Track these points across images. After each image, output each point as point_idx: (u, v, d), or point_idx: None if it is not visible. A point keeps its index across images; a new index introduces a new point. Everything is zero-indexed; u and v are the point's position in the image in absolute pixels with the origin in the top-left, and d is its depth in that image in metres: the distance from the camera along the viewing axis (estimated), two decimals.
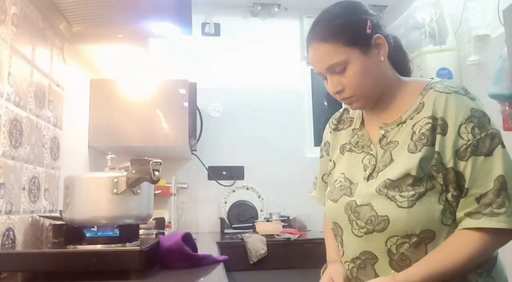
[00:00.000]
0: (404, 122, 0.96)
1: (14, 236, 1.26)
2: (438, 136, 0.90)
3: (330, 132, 1.16)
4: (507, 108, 1.88)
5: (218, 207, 2.84)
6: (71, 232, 1.18)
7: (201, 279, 1.12)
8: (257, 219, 2.75)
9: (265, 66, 3.09)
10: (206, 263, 1.27)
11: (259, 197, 2.86)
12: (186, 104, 2.25)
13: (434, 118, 0.91)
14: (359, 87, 0.96)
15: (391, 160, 0.94)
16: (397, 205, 0.89)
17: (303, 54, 3.14)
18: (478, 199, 0.86)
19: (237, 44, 3.09)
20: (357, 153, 1.03)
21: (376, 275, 0.93)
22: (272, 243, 2.30)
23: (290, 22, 3.17)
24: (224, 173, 2.92)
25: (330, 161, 1.12)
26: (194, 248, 1.30)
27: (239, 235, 2.37)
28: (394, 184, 0.90)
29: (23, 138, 1.33)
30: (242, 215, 2.76)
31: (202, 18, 3.06)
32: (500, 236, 0.86)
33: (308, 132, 3.09)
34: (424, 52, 2.44)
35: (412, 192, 0.88)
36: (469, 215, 0.87)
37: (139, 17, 1.54)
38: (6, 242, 1.22)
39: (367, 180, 0.96)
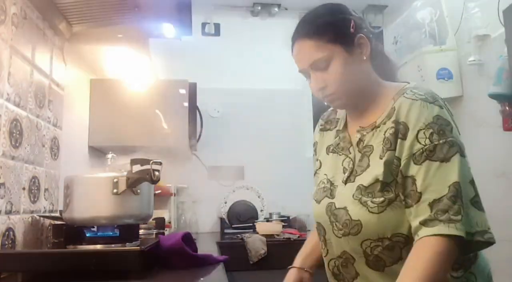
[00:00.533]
0: (378, 127, 0.96)
1: (14, 236, 1.26)
2: (399, 141, 0.90)
3: (318, 132, 1.18)
4: (507, 108, 1.88)
5: (218, 207, 2.84)
6: (71, 232, 1.18)
7: (201, 279, 1.12)
8: (257, 219, 2.75)
9: (265, 66, 3.09)
10: (207, 263, 1.27)
11: (259, 197, 2.86)
12: (186, 104, 2.25)
13: (397, 123, 0.91)
14: (341, 84, 0.97)
15: (368, 165, 0.95)
16: (368, 210, 0.90)
17: None
18: (431, 205, 0.84)
19: (237, 44, 3.09)
20: (339, 155, 1.04)
21: (357, 273, 0.96)
22: (272, 243, 2.30)
23: (290, 22, 3.15)
24: (224, 173, 2.92)
25: (317, 160, 1.13)
26: (194, 248, 1.29)
27: (239, 235, 2.37)
28: (367, 190, 0.92)
29: (23, 138, 1.33)
30: (242, 215, 2.76)
31: (202, 18, 3.06)
32: (457, 244, 0.82)
33: (308, 133, 3.09)
34: (424, 52, 2.44)
35: (382, 199, 0.89)
36: (424, 223, 0.83)
37: (139, 17, 1.54)
38: (6, 242, 1.22)
39: (345, 184, 0.98)
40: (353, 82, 0.98)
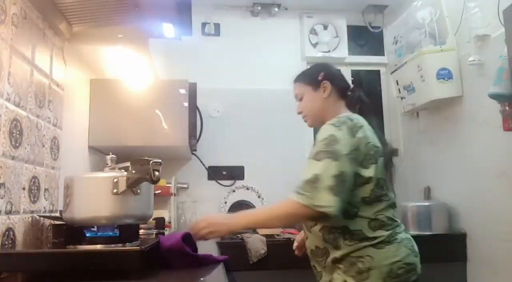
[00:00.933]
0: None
1: (14, 236, 1.26)
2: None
3: None
4: (507, 108, 1.88)
5: (218, 207, 2.84)
6: (71, 232, 1.17)
7: (201, 279, 1.12)
8: None
9: (265, 66, 3.09)
10: (207, 263, 1.27)
11: (259, 197, 2.87)
12: (186, 104, 2.25)
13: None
14: (308, 111, 1.53)
15: None
16: None
17: (303, 54, 3.15)
18: (300, 182, 1.27)
19: (237, 44, 3.09)
20: None
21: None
22: (272, 243, 2.30)
23: (290, 22, 3.17)
24: (224, 173, 2.92)
25: None
26: (194, 248, 1.29)
27: (239, 235, 2.37)
28: None
29: (23, 138, 1.33)
30: None
31: (202, 18, 3.07)
32: (302, 209, 1.23)
33: (308, 133, 3.09)
34: (424, 52, 2.44)
35: None
36: (294, 191, 1.27)
37: (139, 17, 1.54)
38: (6, 242, 1.22)
39: None
40: (316, 110, 1.52)
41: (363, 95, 1.51)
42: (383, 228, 1.33)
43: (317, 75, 1.51)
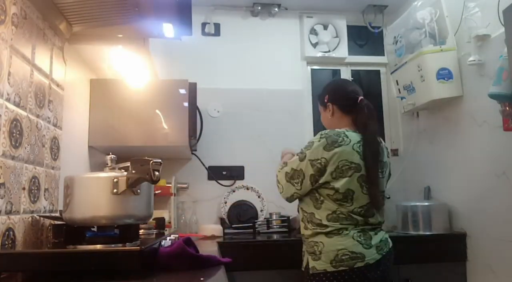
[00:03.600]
0: None
1: (14, 236, 1.26)
2: None
3: None
4: (507, 108, 1.88)
5: (218, 207, 2.84)
6: (71, 232, 1.17)
7: (201, 279, 1.12)
8: (257, 219, 2.75)
9: (265, 66, 3.09)
10: (210, 264, 1.26)
11: (259, 197, 2.86)
12: (186, 104, 2.25)
13: None
14: (324, 126, 1.90)
15: None
16: None
17: (303, 54, 3.14)
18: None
19: (237, 44, 3.09)
20: None
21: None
22: (273, 243, 2.30)
23: (290, 22, 3.17)
24: (224, 173, 2.92)
25: None
26: (196, 251, 1.29)
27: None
28: None
29: (23, 138, 1.33)
30: (242, 215, 2.76)
31: (202, 18, 3.07)
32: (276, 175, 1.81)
33: (308, 132, 3.09)
34: (424, 52, 2.44)
35: None
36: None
37: (139, 17, 1.53)
38: (6, 242, 1.22)
39: None
40: (327, 126, 1.87)
41: (370, 107, 1.74)
42: (338, 221, 1.63)
43: (324, 98, 1.87)
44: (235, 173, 2.92)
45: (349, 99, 1.77)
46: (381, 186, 1.72)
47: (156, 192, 1.39)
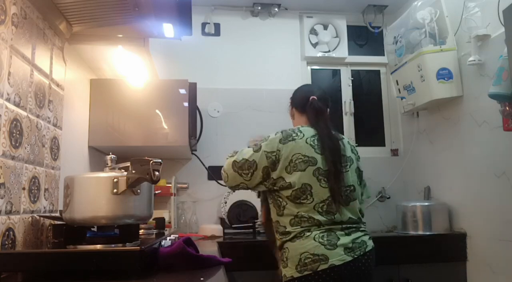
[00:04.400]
0: None
1: (14, 236, 1.26)
2: None
3: None
4: (507, 108, 1.88)
5: (218, 207, 2.84)
6: (71, 232, 1.17)
7: (201, 279, 1.12)
8: (257, 219, 2.75)
9: (265, 66, 3.09)
10: (210, 264, 1.26)
11: (258, 197, 2.86)
12: (186, 104, 2.25)
13: None
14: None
15: None
16: None
17: (303, 54, 3.14)
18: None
19: (237, 44, 3.09)
20: None
21: None
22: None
23: (290, 22, 3.17)
24: None
25: None
26: (196, 251, 1.29)
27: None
28: None
29: (23, 138, 1.33)
30: (242, 215, 2.76)
31: (202, 18, 3.07)
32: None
33: None
34: (424, 52, 2.44)
35: None
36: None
37: (139, 17, 1.54)
38: (6, 242, 1.22)
39: None
40: (293, 124, 1.90)
41: (317, 105, 1.79)
42: (300, 224, 1.59)
43: (289, 101, 1.97)
44: None
45: (303, 100, 1.83)
46: (346, 180, 1.67)
47: (156, 192, 1.39)
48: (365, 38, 3.29)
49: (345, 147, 1.74)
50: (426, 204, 2.53)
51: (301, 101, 1.85)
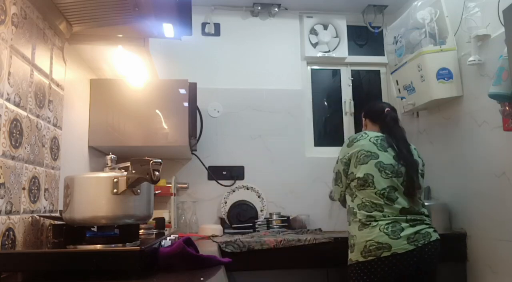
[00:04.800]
0: None
1: (14, 236, 1.26)
2: None
3: None
4: (507, 108, 1.88)
5: (218, 207, 2.84)
6: (71, 232, 1.17)
7: (201, 279, 1.12)
8: (257, 219, 2.75)
9: (265, 66, 3.09)
10: (210, 264, 1.26)
11: (259, 197, 2.86)
12: (186, 104, 2.25)
13: None
14: None
15: None
16: None
17: (303, 54, 3.15)
18: None
19: (237, 44, 3.09)
20: None
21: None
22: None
23: (290, 22, 3.17)
24: (224, 173, 2.92)
25: None
26: (196, 251, 1.29)
27: None
28: None
29: (23, 138, 1.33)
30: (242, 215, 2.76)
31: (202, 18, 3.07)
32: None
33: (308, 132, 3.09)
34: (424, 52, 2.44)
35: None
36: None
37: (139, 17, 1.54)
38: (6, 242, 1.22)
39: None
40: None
41: (393, 115, 2.08)
42: (365, 208, 1.83)
43: (362, 115, 2.24)
44: (235, 173, 2.92)
45: (376, 113, 2.12)
46: (415, 178, 1.94)
47: (156, 192, 1.39)
48: (365, 38, 3.29)
49: (413, 152, 2.00)
50: (426, 204, 2.52)
51: (375, 113, 2.13)
